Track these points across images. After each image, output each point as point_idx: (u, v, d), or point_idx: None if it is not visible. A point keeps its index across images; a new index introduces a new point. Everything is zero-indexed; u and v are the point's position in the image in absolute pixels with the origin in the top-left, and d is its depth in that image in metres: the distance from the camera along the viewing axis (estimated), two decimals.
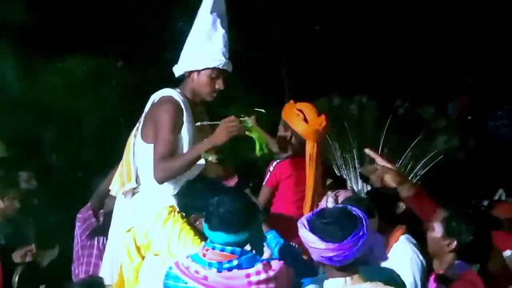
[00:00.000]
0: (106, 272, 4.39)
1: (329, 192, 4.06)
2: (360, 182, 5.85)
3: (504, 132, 9.89)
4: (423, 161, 5.96)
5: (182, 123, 4.20)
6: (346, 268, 3.15)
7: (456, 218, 3.55)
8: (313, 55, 9.46)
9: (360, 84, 8.18)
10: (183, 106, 4.22)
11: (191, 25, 4.46)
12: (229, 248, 3.38)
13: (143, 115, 4.35)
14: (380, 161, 3.72)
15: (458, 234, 3.53)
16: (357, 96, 7.30)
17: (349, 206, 3.23)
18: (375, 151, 3.90)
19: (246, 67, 8.44)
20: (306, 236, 3.14)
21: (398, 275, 3.65)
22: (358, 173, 5.14)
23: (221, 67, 4.30)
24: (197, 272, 3.35)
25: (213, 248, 3.39)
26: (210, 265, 3.36)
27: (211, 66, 4.29)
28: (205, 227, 3.43)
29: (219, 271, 3.33)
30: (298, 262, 3.85)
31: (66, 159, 7.71)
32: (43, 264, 5.63)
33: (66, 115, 7.82)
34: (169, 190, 4.21)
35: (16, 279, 5.18)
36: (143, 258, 4.20)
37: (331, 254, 3.09)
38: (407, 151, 5.80)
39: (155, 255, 4.15)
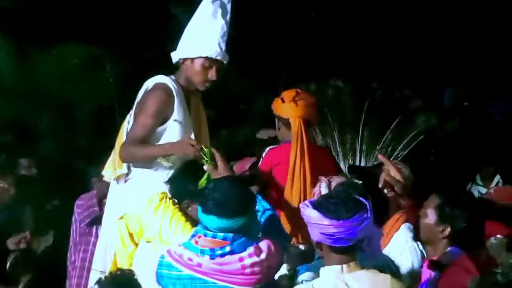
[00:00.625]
0: (99, 259, 4.39)
1: (322, 177, 4.04)
2: (342, 164, 5.83)
3: (499, 119, 9.90)
4: (403, 142, 5.94)
5: (172, 111, 4.18)
6: (345, 252, 3.15)
7: (450, 205, 3.55)
8: (308, 43, 9.46)
9: (343, 68, 8.19)
10: (174, 93, 4.21)
11: (188, 12, 4.44)
12: (221, 234, 3.34)
13: (136, 100, 4.34)
14: (393, 172, 3.75)
15: (452, 221, 3.53)
16: (332, 80, 7.32)
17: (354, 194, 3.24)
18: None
19: (241, 53, 8.44)
20: (310, 213, 3.13)
21: (392, 261, 3.65)
22: (342, 158, 5.13)
23: (214, 57, 4.27)
24: (190, 259, 3.32)
25: (205, 235, 3.36)
26: (202, 252, 3.33)
27: (204, 55, 4.27)
28: (199, 211, 3.40)
29: (212, 258, 3.31)
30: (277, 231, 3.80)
31: (60, 146, 7.69)
32: (38, 251, 5.63)
33: (60, 102, 7.80)
34: (161, 177, 4.20)
35: (8, 265, 5.18)
36: (136, 245, 4.19)
37: (333, 230, 3.09)
38: (387, 133, 5.78)
39: (148, 242, 4.14)
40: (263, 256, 3.31)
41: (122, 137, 4.32)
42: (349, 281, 3.12)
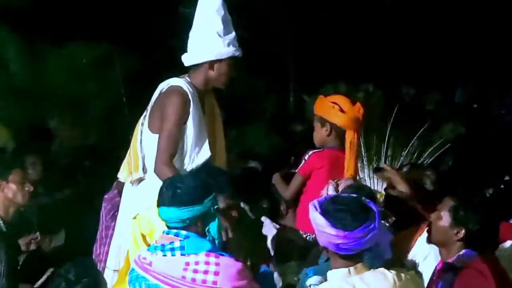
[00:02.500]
0: (112, 258, 4.41)
1: (330, 180, 4.03)
2: (366, 170, 5.84)
3: (509, 119, 9.86)
4: (429, 150, 5.92)
5: (188, 115, 4.19)
6: (350, 257, 3.13)
7: (464, 207, 3.54)
8: (317, 42, 9.44)
9: (364, 72, 8.15)
10: (190, 97, 4.21)
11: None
12: (174, 230, 3.33)
13: (151, 103, 4.34)
14: (397, 182, 3.82)
15: (466, 223, 3.51)
16: (363, 84, 7.29)
17: (364, 198, 3.20)
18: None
19: (251, 54, 8.44)
20: (317, 219, 3.10)
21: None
22: (366, 163, 5.16)
23: (240, 56, 4.32)
24: (144, 258, 3.32)
25: (163, 233, 3.39)
26: (155, 248, 3.32)
27: (236, 55, 4.30)
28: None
29: (164, 254, 3.28)
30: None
31: (71, 145, 7.71)
32: (49, 251, 5.62)
33: (70, 100, 7.81)
34: None
35: (19, 267, 5.17)
36: (148, 245, 4.19)
37: (339, 241, 3.06)
38: (414, 139, 5.76)
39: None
40: (212, 267, 3.22)
41: (137, 138, 4.33)
42: (356, 283, 3.10)
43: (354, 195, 3.24)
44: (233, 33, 4.31)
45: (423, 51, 9.29)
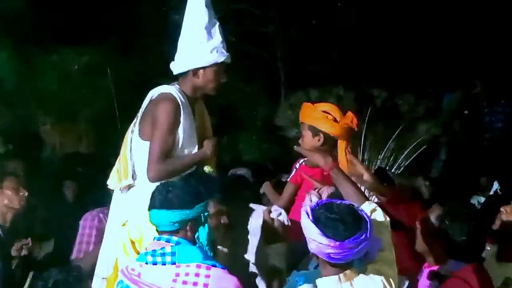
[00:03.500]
0: (102, 265, 4.40)
1: (311, 190, 4.01)
2: None
3: (500, 126, 9.90)
4: (405, 152, 5.93)
5: (179, 121, 4.20)
6: (340, 265, 3.13)
7: (451, 217, 3.54)
8: (307, 48, 9.47)
9: (358, 75, 8.17)
10: (181, 104, 4.22)
11: None
12: (165, 237, 3.35)
13: (141, 110, 4.34)
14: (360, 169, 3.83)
15: (452, 234, 3.51)
16: (334, 87, 7.29)
17: (356, 206, 3.19)
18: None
19: (242, 61, 8.45)
20: (309, 227, 3.10)
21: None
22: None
23: (226, 61, 4.31)
24: (133, 269, 3.31)
25: (153, 239, 3.40)
26: (145, 254, 3.33)
27: (219, 61, 4.30)
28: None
29: (154, 261, 3.28)
30: None
31: (63, 151, 7.70)
32: (39, 258, 5.62)
33: (61, 107, 7.81)
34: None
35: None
36: (138, 253, 4.19)
37: (330, 250, 3.06)
38: (389, 143, 5.76)
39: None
40: (202, 279, 3.21)
41: (126, 146, 4.33)
42: None
43: (347, 202, 3.22)
44: (219, 39, 4.29)
45: (410, 55, 9.32)
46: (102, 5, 8.60)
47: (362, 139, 5.74)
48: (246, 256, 4.54)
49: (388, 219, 3.39)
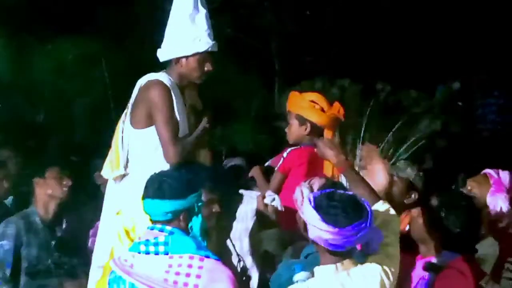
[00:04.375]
0: (98, 255, 4.41)
1: (302, 182, 4.04)
2: None
3: (492, 118, 9.93)
4: (405, 146, 5.96)
5: (173, 104, 4.22)
6: (339, 253, 3.14)
7: (446, 208, 3.56)
8: (302, 39, 9.47)
9: (341, 67, 8.18)
10: (171, 88, 4.24)
11: None
12: (158, 226, 3.36)
13: (131, 100, 4.35)
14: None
15: (447, 225, 3.53)
16: (339, 79, 7.32)
17: (359, 196, 3.19)
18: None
19: (236, 51, 8.44)
20: (309, 212, 3.10)
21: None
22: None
23: (210, 50, 4.31)
24: (125, 260, 3.31)
25: (147, 229, 3.41)
26: (139, 243, 3.34)
27: (201, 51, 4.29)
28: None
29: (147, 251, 3.29)
30: None
31: (57, 142, 7.70)
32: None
33: (56, 97, 7.81)
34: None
35: None
36: (132, 241, 4.20)
37: (329, 236, 3.06)
38: (389, 135, 5.79)
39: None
40: (195, 270, 3.22)
41: (118, 137, 4.33)
42: (344, 279, 3.13)
43: (350, 193, 3.23)
44: (203, 28, 4.28)
45: (404, 47, 9.33)
46: None
47: (362, 132, 5.77)
48: (228, 242, 4.56)
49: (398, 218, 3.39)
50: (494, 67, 9.75)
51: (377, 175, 3.68)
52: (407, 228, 3.96)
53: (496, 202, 3.83)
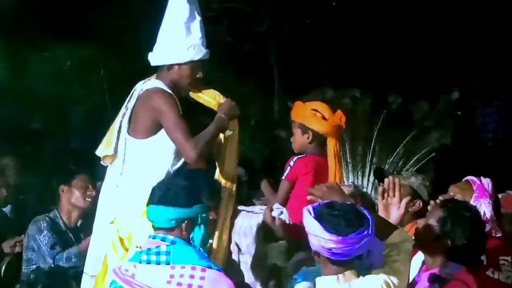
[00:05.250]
0: (90, 263, 4.37)
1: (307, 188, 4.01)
2: (351, 175, 5.90)
3: (493, 128, 9.90)
4: (414, 158, 5.95)
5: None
6: (341, 264, 3.13)
7: (452, 219, 3.53)
8: (304, 47, 9.44)
9: (350, 77, 8.14)
10: (172, 93, 4.24)
11: None
12: (160, 235, 3.32)
13: (129, 106, 4.32)
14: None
15: (452, 236, 3.50)
16: (350, 89, 7.32)
17: (358, 205, 3.21)
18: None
19: (236, 58, 8.41)
20: (311, 223, 3.10)
21: None
22: (351, 169, 5.21)
23: (204, 58, 4.30)
24: (126, 270, 3.26)
25: (149, 237, 3.37)
26: (140, 252, 3.30)
27: (195, 59, 4.28)
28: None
29: (148, 260, 3.24)
30: None
31: (54, 147, 7.66)
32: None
33: (53, 103, 7.77)
34: (151, 183, 4.14)
35: (3, 268, 5.19)
36: (127, 250, 4.16)
37: (332, 245, 3.06)
38: (399, 147, 5.81)
39: (137, 247, 4.10)
40: (197, 281, 3.18)
41: (113, 132, 4.29)
42: None
43: (348, 202, 3.24)
44: (198, 36, 4.29)
45: (413, 57, 9.30)
46: (94, 1, 8.56)
47: (372, 143, 5.80)
48: (235, 256, 4.52)
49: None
50: (493, 75, 9.71)
51: (393, 211, 3.79)
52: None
53: (480, 207, 3.82)
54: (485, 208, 3.82)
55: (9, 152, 6.29)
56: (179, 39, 4.27)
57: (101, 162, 4.45)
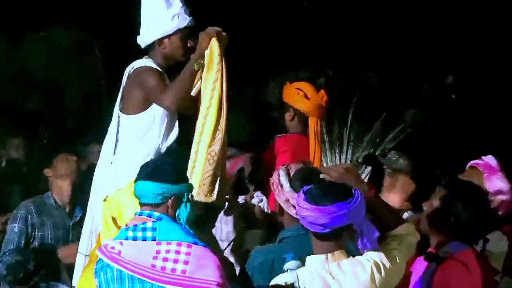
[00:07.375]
0: (84, 242, 4.41)
1: (281, 166, 4.05)
2: (329, 154, 5.98)
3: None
4: (391, 135, 6.02)
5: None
6: (328, 239, 3.14)
7: (455, 198, 3.55)
8: (293, 27, 9.43)
9: (327, 58, 8.17)
10: (160, 70, 4.27)
11: None
12: (146, 211, 3.35)
13: (121, 89, 4.37)
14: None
15: (456, 215, 3.51)
16: (324, 69, 7.36)
17: (351, 187, 3.20)
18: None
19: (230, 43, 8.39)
20: (297, 196, 3.18)
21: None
22: (328, 147, 5.27)
23: (189, 25, 4.32)
24: (112, 248, 3.29)
25: (135, 215, 3.40)
26: (126, 229, 3.32)
27: (182, 26, 4.30)
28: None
29: (134, 236, 3.27)
30: None
31: (50, 130, 7.69)
32: None
33: (48, 85, 7.79)
34: (142, 160, 4.17)
35: None
36: (119, 228, 4.20)
37: (308, 213, 3.10)
38: (375, 124, 5.87)
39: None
40: (182, 256, 3.22)
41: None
42: (333, 270, 3.13)
43: (344, 184, 3.24)
44: (178, 5, 4.30)
45: (396, 40, 9.30)
46: None
47: (349, 121, 5.84)
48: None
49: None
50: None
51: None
52: None
53: (495, 184, 3.87)
54: (499, 183, 3.87)
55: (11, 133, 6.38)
56: (161, 12, 4.29)
57: None
